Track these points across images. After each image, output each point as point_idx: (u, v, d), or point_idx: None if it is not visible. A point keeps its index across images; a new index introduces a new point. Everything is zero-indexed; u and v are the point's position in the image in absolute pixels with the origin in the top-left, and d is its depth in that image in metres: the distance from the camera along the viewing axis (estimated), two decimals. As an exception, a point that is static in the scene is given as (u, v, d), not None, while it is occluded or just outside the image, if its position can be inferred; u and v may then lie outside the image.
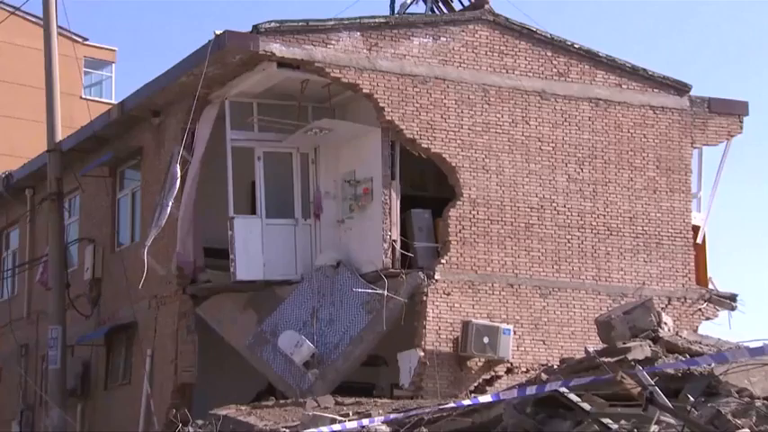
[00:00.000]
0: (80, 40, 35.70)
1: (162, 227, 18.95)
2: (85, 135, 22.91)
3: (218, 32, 18.65)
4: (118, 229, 22.77)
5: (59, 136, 22.79)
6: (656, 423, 10.27)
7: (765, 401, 10.25)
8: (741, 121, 21.71)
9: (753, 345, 12.45)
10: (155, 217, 19.64)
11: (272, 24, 18.71)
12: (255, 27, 18.64)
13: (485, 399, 11.80)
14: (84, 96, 33.05)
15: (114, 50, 39.52)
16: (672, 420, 10.07)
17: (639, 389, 11.19)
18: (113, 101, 30.82)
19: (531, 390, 11.65)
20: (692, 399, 10.72)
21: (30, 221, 25.50)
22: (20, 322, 25.23)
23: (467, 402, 13.37)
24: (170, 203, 18.93)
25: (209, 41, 18.68)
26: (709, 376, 11.45)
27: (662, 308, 16.48)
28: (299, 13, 22.69)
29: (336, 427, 13.32)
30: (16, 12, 29.35)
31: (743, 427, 9.61)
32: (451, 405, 13.74)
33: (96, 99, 34.59)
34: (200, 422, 16.09)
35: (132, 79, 54.50)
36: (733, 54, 51.46)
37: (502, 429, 11.61)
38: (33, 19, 31.21)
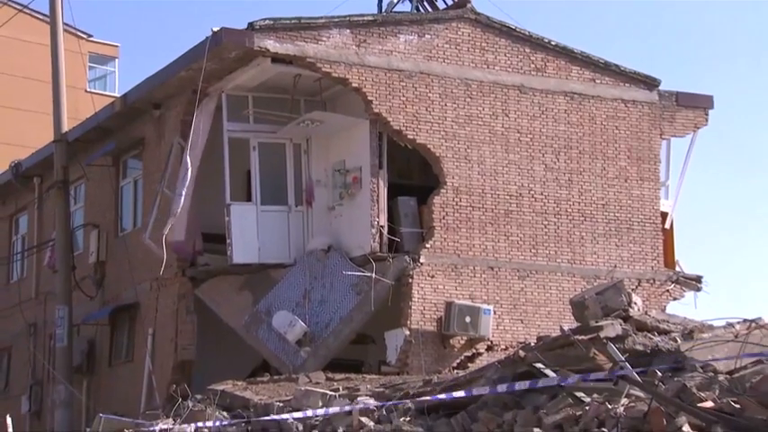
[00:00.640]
0: (85, 36, 35.59)
1: (176, 214, 18.91)
2: (90, 126, 22.88)
3: (215, 29, 18.64)
4: (121, 215, 22.74)
5: (65, 127, 22.75)
6: (626, 396, 10.32)
7: (728, 376, 10.31)
8: (707, 114, 21.75)
9: (716, 323, 12.59)
10: (155, 204, 19.61)
11: (267, 22, 18.69)
12: (251, 24, 18.62)
13: (458, 395, 11.79)
14: (88, 90, 33.03)
15: (117, 46, 39.41)
16: (641, 393, 10.13)
17: (611, 364, 11.29)
18: (116, 94, 30.68)
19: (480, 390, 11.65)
20: (659, 373, 10.79)
21: (38, 208, 25.47)
22: (29, 303, 25.21)
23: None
24: (183, 193, 18.87)
25: (207, 38, 18.66)
26: (676, 353, 11.53)
27: (632, 289, 16.50)
28: (292, 12, 22.75)
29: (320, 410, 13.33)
30: (24, 9, 29.21)
31: (707, 400, 9.67)
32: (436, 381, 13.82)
33: (100, 92, 34.48)
34: (198, 397, 16.09)
35: (134, 73, 54.51)
36: (699, 51, 51.54)
37: (482, 403, 11.65)
38: (40, 16, 31.05)
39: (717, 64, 48.84)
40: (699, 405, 9.33)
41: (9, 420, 18.42)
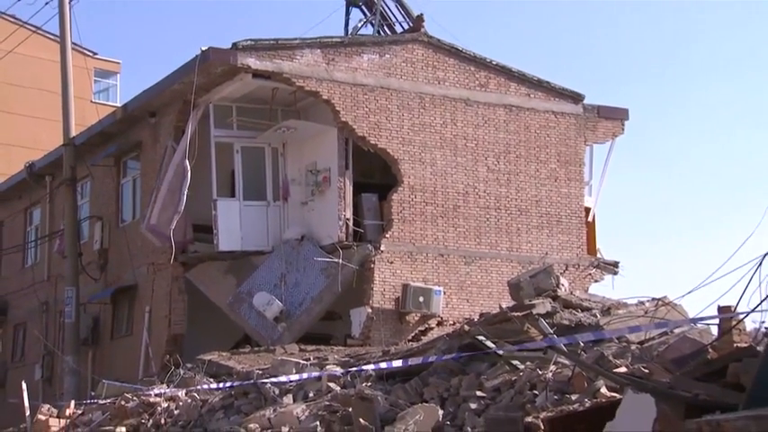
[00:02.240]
0: (90, 54, 35.17)
1: (181, 212, 18.77)
2: (94, 132, 22.72)
3: (203, 48, 18.55)
4: (121, 209, 22.58)
5: (73, 132, 22.57)
6: (553, 363, 10.37)
7: (638, 345, 10.40)
8: (623, 124, 21.93)
9: (630, 301, 12.70)
10: (156, 200, 19.43)
11: (248, 42, 18.62)
12: (234, 44, 18.54)
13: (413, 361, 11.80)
14: (93, 100, 32.70)
15: (119, 63, 39.00)
16: (566, 361, 10.18)
17: (541, 336, 11.35)
18: (117, 104, 30.39)
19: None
20: (582, 344, 10.86)
21: (49, 202, 25.29)
22: (41, 284, 25.04)
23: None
24: (185, 192, 18.75)
25: (197, 56, 18.56)
26: (596, 326, 11.61)
27: (560, 273, 16.63)
28: (271, 33, 22.58)
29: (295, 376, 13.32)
30: (38, 31, 28.91)
31: (621, 366, 9.74)
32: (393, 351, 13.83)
33: (103, 102, 34.11)
34: (189, 365, 16.01)
35: (133, 86, 53.94)
36: (617, 70, 51.93)
37: (432, 369, 11.68)
38: (52, 36, 30.68)
39: (632, 82, 49.27)
40: (614, 370, 9.40)
41: (24, 385, 18.28)
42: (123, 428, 13.74)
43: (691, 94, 49.86)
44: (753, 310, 7.14)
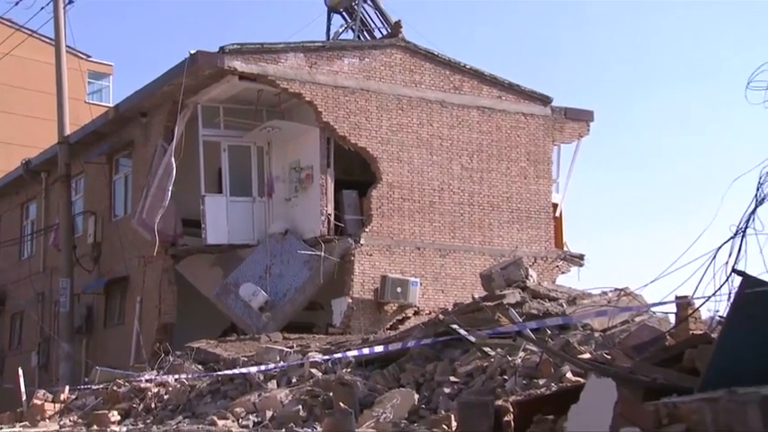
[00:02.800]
0: (84, 57, 34.90)
1: (166, 206, 18.70)
2: (88, 131, 22.57)
3: (192, 52, 18.45)
4: (114, 204, 22.46)
5: (67, 131, 22.42)
6: (522, 350, 10.43)
7: (601, 333, 10.46)
8: (588, 126, 22.01)
9: (594, 292, 12.76)
10: (147, 196, 19.34)
11: (235, 46, 18.54)
12: (222, 48, 18.46)
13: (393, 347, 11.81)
14: (87, 101, 32.43)
15: (111, 65, 38.76)
16: (534, 348, 10.25)
17: (511, 324, 11.40)
18: (110, 104, 30.19)
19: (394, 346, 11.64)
20: (549, 332, 10.91)
21: (44, 197, 25.12)
22: (37, 275, 24.85)
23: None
24: (170, 188, 18.67)
25: (186, 59, 18.47)
26: (562, 315, 11.67)
27: (529, 265, 16.66)
28: (256, 37, 22.43)
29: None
30: (33, 34, 28.65)
31: (585, 352, 9.80)
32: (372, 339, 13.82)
33: (97, 103, 33.84)
34: (178, 353, 15.95)
35: (125, 87, 53.54)
36: (585, 74, 52.14)
37: (409, 356, 11.71)
38: (47, 40, 30.38)
39: (598, 86, 49.51)
40: (579, 357, 9.47)
41: (21, 372, 18.16)
42: (115, 412, 13.68)
43: (651, 95, 50.21)
44: (707, 300, 7.20)
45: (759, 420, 5.27)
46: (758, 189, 6.87)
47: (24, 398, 16.36)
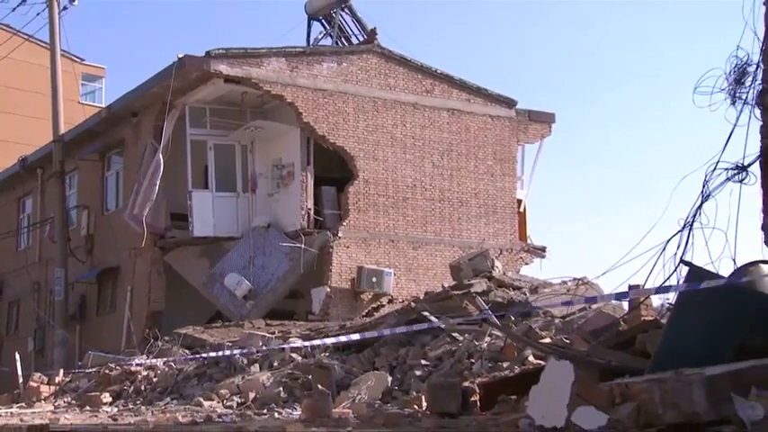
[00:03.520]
0: (78, 60, 34.50)
1: (153, 200, 18.58)
2: (82, 130, 22.37)
3: (180, 56, 18.33)
4: (106, 199, 22.30)
5: (62, 130, 22.23)
6: (488, 335, 10.48)
7: (561, 319, 10.53)
8: (550, 126, 22.12)
9: (554, 281, 12.85)
10: (137, 192, 19.20)
11: (220, 51, 18.44)
12: (208, 52, 18.36)
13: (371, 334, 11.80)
14: (80, 102, 32.11)
15: (104, 68, 38.35)
16: (499, 333, 10.31)
17: (478, 311, 11.45)
18: (103, 105, 29.89)
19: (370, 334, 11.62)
20: (513, 318, 10.97)
21: (40, 192, 24.89)
22: (33, 266, 24.68)
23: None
24: (157, 183, 18.55)
25: (174, 62, 18.34)
26: (525, 303, 11.74)
27: (495, 256, 16.73)
28: (241, 43, 22.17)
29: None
30: (30, 39, 28.37)
31: (546, 337, 9.86)
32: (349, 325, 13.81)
33: (90, 104, 33.50)
34: (166, 338, 15.89)
35: (117, 89, 52.97)
36: (546, 79, 52.38)
37: (383, 341, 11.72)
38: (42, 44, 30.05)
39: (559, 90, 49.78)
40: (540, 341, 9.54)
41: (17, 356, 18.02)
42: (107, 394, 13.60)
43: (606, 97, 50.58)
44: (657, 289, 7.28)
45: (703, 398, 5.34)
46: (704, 186, 6.96)
47: (21, 380, 16.24)
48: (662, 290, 7.19)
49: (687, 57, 48.54)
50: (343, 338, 11.93)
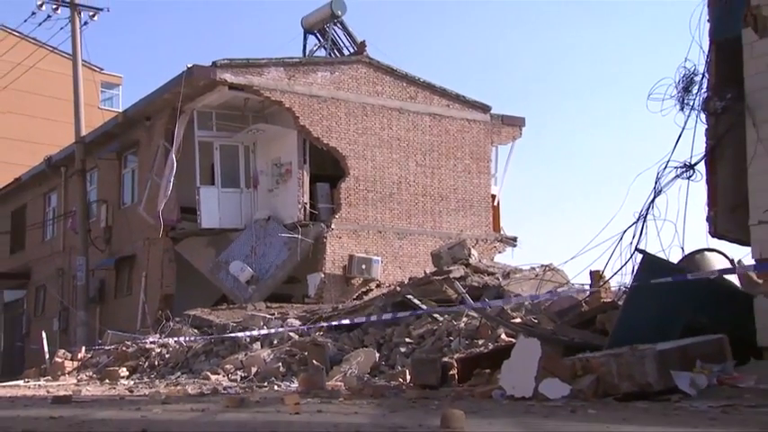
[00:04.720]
0: (97, 69, 34.24)
1: (168, 196, 18.51)
2: (101, 132, 22.23)
3: (189, 65, 18.26)
4: (123, 194, 22.20)
5: (83, 132, 22.08)
6: (465, 316, 10.51)
7: (530, 301, 10.58)
8: (521, 130, 22.16)
9: (524, 267, 12.87)
10: (151, 187, 19.09)
11: (225, 61, 18.37)
12: (214, 63, 18.28)
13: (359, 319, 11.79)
14: (100, 107, 31.83)
15: (121, 77, 38.16)
16: (475, 314, 10.34)
17: (456, 295, 11.48)
18: (120, 110, 29.73)
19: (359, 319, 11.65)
20: (487, 300, 10.99)
21: (64, 188, 24.79)
22: (58, 254, 24.60)
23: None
24: (171, 180, 18.47)
25: (183, 71, 18.27)
26: (498, 287, 11.77)
27: (472, 246, 16.78)
28: (244, 53, 21.97)
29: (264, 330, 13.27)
30: (54, 50, 28.24)
31: (516, 318, 9.90)
32: (341, 307, 13.78)
33: (108, 109, 33.15)
34: (177, 319, 15.87)
35: (133, 95, 52.61)
36: (518, 87, 52.43)
37: (370, 322, 11.71)
38: (65, 55, 29.83)
39: (529, 96, 49.82)
40: (511, 321, 9.57)
41: (44, 335, 17.98)
42: (124, 369, 13.59)
43: (571, 103, 50.68)
44: (615, 274, 7.32)
45: (654, 370, 5.38)
46: (656, 183, 7.00)
47: (47, 357, 16.21)
48: (619, 274, 7.20)
49: (643, 67, 48.73)
50: (335, 324, 11.89)
